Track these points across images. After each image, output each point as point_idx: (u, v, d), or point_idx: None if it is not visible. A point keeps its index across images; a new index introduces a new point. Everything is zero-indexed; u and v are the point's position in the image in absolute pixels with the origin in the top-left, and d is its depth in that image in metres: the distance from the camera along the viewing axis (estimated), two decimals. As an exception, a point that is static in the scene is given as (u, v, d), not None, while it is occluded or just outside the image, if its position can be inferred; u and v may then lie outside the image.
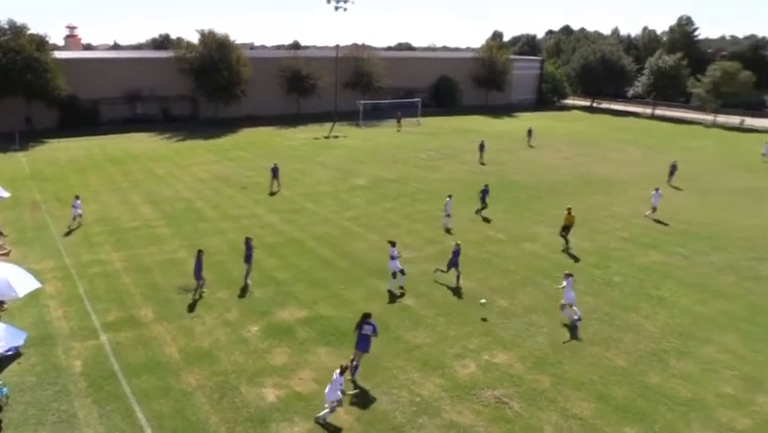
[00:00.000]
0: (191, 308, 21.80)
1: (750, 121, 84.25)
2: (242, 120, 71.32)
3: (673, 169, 44.61)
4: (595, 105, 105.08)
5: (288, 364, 18.19)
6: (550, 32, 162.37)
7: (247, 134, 64.01)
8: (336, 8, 73.73)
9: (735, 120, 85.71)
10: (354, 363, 17.71)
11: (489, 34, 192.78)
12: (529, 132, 61.87)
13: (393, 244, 24.16)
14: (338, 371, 15.55)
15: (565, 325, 21.24)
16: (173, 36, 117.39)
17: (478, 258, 27.47)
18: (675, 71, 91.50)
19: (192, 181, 41.57)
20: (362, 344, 17.56)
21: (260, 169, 45.66)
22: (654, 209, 35.02)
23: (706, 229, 33.15)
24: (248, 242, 23.95)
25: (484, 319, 21.52)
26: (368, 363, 18.21)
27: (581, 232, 31.90)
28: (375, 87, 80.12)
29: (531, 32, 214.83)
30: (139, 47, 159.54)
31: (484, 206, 34.67)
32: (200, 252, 22.99)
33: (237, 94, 70.31)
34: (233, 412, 15.85)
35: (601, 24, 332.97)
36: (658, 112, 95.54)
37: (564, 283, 21.43)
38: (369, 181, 42.19)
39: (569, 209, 30.06)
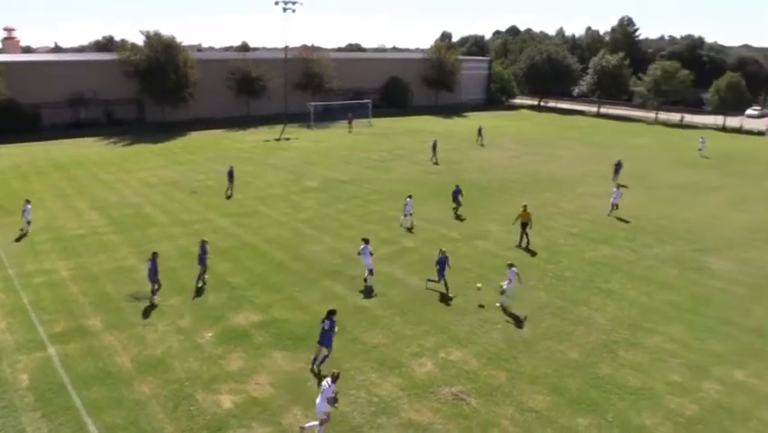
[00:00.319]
0: (143, 315, 21.33)
1: (689, 118, 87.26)
2: (190, 123, 70.08)
3: (618, 167, 44.86)
4: (542, 104, 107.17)
5: (244, 370, 17.98)
6: (497, 33, 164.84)
7: (196, 138, 62.97)
8: (285, 9, 73.21)
9: (675, 117, 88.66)
10: (314, 356, 18.06)
11: (437, 35, 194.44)
12: (479, 131, 62.65)
13: (367, 241, 24.40)
14: (329, 379, 14.79)
15: (520, 319, 21.69)
16: (117, 38, 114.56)
17: (432, 257, 27.60)
18: (618, 71, 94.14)
19: (140, 186, 40.67)
20: (322, 338, 17.87)
21: (210, 172, 45.01)
22: (615, 206, 35.40)
23: (651, 223, 34.22)
24: (203, 245, 23.82)
25: (481, 306, 22.28)
26: (324, 366, 18.17)
27: (533, 229, 32.47)
28: (325, 88, 79.80)
29: (479, 32, 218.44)
30: (81, 49, 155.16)
31: (458, 205, 35.34)
32: (155, 254, 22.72)
33: (185, 96, 69.03)
34: (189, 421, 15.58)
35: (547, 25, 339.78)
36: (603, 110, 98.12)
37: (508, 274, 22.30)
38: (321, 183, 42.05)
39: (524, 206, 30.38)
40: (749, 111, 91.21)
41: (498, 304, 22.64)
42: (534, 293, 24.02)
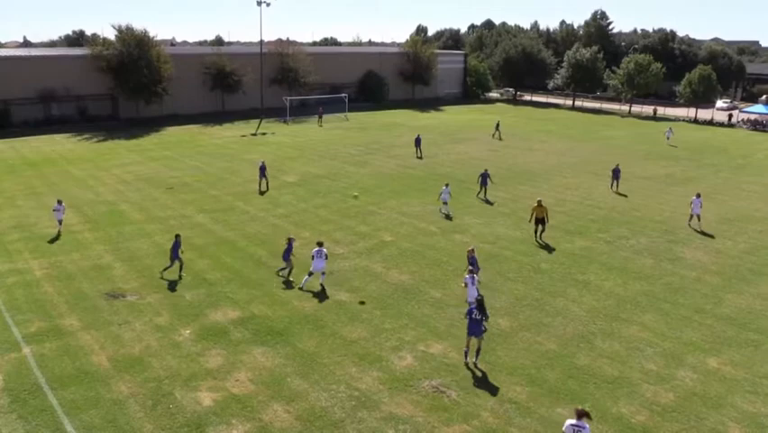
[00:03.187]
0: (120, 314, 21.07)
1: (662, 110, 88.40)
2: (165, 119, 69.30)
3: (617, 172, 40.29)
4: (518, 97, 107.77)
5: (223, 367, 17.87)
6: (472, 27, 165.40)
7: (171, 133, 62.26)
8: (259, 3, 72.61)
9: (648, 110, 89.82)
10: (466, 348, 18.26)
11: (413, 29, 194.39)
12: (497, 125, 62.91)
13: (321, 244, 23.61)
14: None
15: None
16: (88, 32, 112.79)
17: (411, 250, 27.75)
18: (592, 64, 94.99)
19: (114, 183, 40.12)
20: (472, 328, 17.90)
21: (186, 168, 44.57)
22: (693, 217, 32.36)
23: (626, 215, 34.65)
24: (177, 239, 24.17)
25: (362, 302, 22.15)
26: (304, 361, 18.17)
27: (510, 221, 32.77)
28: (302, 82, 79.41)
29: (454, 26, 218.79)
30: (52, 44, 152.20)
31: (484, 188, 37.15)
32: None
33: (159, 92, 68.20)
34: (169, 419, 15.45)
35: (522, 19, 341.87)
36: (578, 103, 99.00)
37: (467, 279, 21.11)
38: (299, 178, 41.87)
39: (539, 201, 29.92)
40: (719, 103, 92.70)
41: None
42: (511, 285, 24.21)
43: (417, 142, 51.79)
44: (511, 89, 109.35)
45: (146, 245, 28.01)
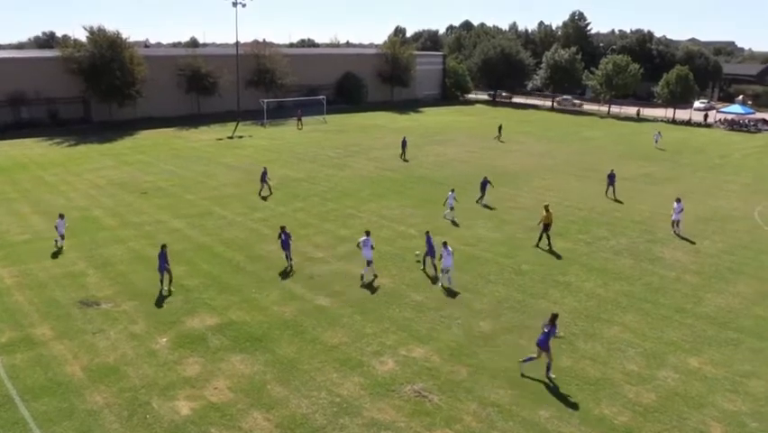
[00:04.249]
0: (94, 322, 20.77)
1: (638, 111, 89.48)
2: (139, 122, 68.59)
3: (612, 178, 39.59)
4: (498, 99, 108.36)
5: (201, 375, 17.71)
6: (451, 28, 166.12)
7: (145, 137, 61.64)
8: (234, 3, 72.26)
9: (628, 111, 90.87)
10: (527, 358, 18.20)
11: (391, 30, 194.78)
12: (499, 128, 63.09)
13: (368, 233, 25.06)
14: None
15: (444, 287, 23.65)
16: (59, 34, 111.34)
17: (391, 253, 27.76)
18: (570, 65, 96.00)
19: (87, 188, 39.61)
20: (542, 341, 17.73)
21: (161, 173, 44.16)
22: (676, 224, 32.07)
23: (606, 215, 35.01)
24: (162, 248, 23.44)
25: (427, 274, 21.92)
26: (284, 367, 18.07)
27: (491, 223, 32.94)
28: (278, 84, 79.13)
29: (432, 27, 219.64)
30: (20, 46, 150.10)
31: (482, 195, 36.86)
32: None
33: (132, 94, 67.47)
34: (145, 429, 15.27)
35: (500, 20, 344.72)
36: (557, 104, 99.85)
37: (442, 251, 23.83)
38: (277, 182, 41.66)
39: (546, 206, 29.70)
40: (697, 104, 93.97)
41: (439, 285, 24.18)
42: (492, 287, 24.32)
43: (403, 144, 51.97)
44: (504, 93, 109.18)
45: (120, 252, 27.69)
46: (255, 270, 25.81)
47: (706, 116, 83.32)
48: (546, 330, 17.67)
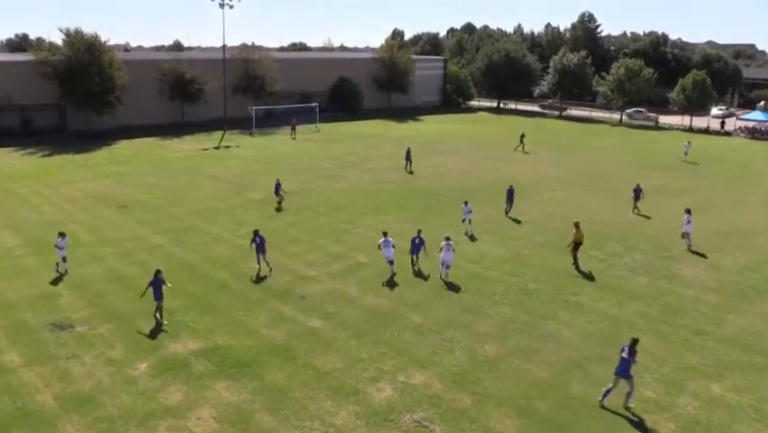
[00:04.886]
0: (68, 347, 20.61)
1: (656, 119, 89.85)
2: (118, 131, 68.60)
3: (638, 192, 39.67)
4: (502, 105, 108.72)
5: (183, 403, 17.56)
6: (452, 31, 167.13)
7: (125, 147, 61.70)
8: (222, 5, 72.64)
9: (641, 117, 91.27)
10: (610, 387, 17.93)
11: (388, 33, 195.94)
12: (521, 137, 63.14)
13: (385, 234, 27.57)
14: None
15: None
16: (33, 36, 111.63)
17: (388, 272, 27.64)
18: (580, 69, 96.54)
19: (62, 202, 39.53)
20: (621, 369, 17.67)
21: (141, 185, 44.12)
22: (684, 235, 32.40)
23: (618, 230, 35.00)
24: (157, 275, 22.63)
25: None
26: (273, 395, 17.93)
27: (495, 238, 32.91)
28: (268, 91, 79.33)
29: (432, 30, 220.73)
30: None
31: (509, 205, 37.64)
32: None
33: (111, 102, 67.51)
34: (122, 463, 15.10)
35: (504, 22, 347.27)
36: (565, 111, 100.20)
37: (443, 244, 26.71)
38: (266, 195, 41.62)
39: (576, 223, 29.63)
40: (714, 110, 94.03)
41: (441, 277, 26.70)
42: (498, 308, 24.23)
43: (408, 154, 52.03)
44: (560, 104, 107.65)
45: (97, 270, 27.56)
46: (242, 289, 25.70)
47: (722, 124, 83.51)
48: (626, 357, 17.52)
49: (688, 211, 32.32)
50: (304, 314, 23.43)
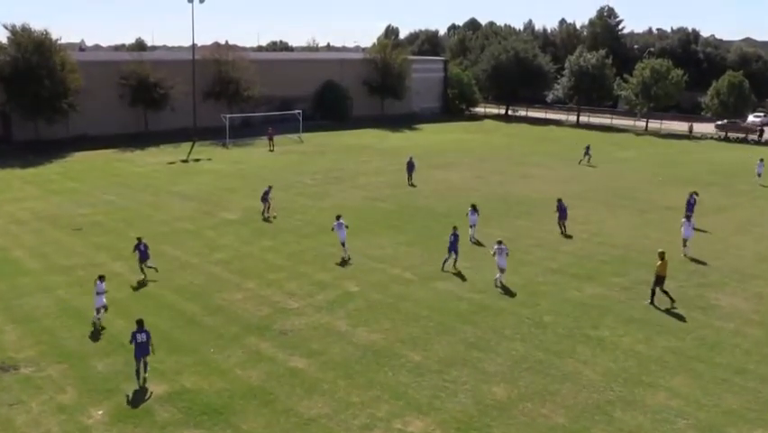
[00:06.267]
0: (11, 391, 20.49)
1: (674, 126, 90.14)
2: (72, 142, 68.66)
3: (692, 201, 40.17)
4: (510, 112, 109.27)
5: (145, 456, 17.44)
6: (453, 28, 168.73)
7: (80, 160, 61.76)
8: (190, -1, 73.07)
9: (670, 126, 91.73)
10: None
11: (381, 31, 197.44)
12: (587, 149, 63.42)
13: (339, 216, 32.08)
14: None
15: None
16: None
17: (382, 303, 27.65)
18: (599, 71, 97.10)
19: (6, 223, 39.45)
20: None
21: (98, 204, 44.09)
22: (684, 241, 34.33)
23: (645, 254, 34.98)
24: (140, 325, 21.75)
25: None
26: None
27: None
28: (244, 96, 79.56)
29: (431, 27, 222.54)
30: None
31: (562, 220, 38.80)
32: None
33: (63, 108, 67.55)
34: None
35: (513, 17, 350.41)
36: (583, 119, 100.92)
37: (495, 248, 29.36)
38: (242, 215, 41.66)
39: (661, 253, 28.30)
40: (752, 117, 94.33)
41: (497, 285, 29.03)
42: (508, 344, 24.19)
43: (410, 167, 52.45)
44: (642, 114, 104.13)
45: (46, 302, 27.43)
46: (214, 324, 25.61)
47: (761, 132, 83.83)
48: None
49: (687, 218, 34.78)
50: (285, 352, 23.35)
